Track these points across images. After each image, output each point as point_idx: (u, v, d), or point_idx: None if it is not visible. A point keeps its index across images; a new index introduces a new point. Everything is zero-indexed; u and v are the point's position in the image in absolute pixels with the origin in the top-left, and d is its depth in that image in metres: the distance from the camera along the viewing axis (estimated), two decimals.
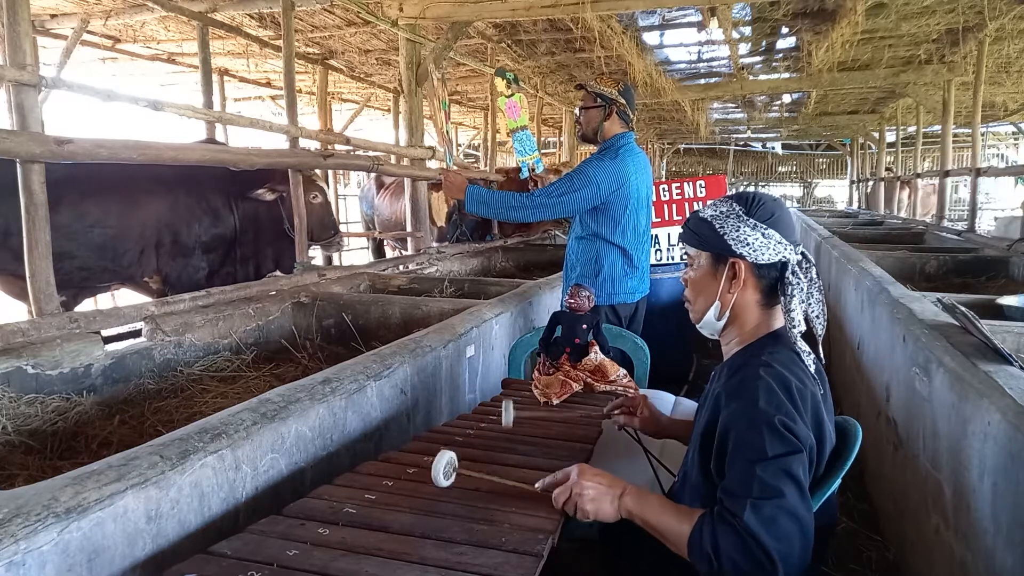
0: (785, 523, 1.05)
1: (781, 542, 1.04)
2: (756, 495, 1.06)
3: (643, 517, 1.18)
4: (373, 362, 1.94)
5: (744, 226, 1.27)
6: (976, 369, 1.69)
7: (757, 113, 12.53)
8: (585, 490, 1.20)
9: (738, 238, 1.27)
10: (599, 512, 1.20)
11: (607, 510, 1.20)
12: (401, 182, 6.65)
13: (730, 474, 1.12)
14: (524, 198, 2.68)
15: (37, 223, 2.36)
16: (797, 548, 1.05)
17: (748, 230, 1.27)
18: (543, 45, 6.47)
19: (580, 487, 1.20)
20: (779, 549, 1.03)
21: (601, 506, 1.20)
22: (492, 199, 2.70)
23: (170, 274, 3.83)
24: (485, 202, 2.69)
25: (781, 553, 1.03)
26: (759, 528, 1.03)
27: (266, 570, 1.05)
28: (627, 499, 1.20)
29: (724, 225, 1.29)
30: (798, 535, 1.05)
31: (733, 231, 1.28)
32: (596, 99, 2.78)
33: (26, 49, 2.33)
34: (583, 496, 1.20)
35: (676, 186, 4.30)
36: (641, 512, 1.18)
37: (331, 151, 4.03)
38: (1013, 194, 16.95)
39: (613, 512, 1.20)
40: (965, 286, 4.16)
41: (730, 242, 1.28)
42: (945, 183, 7.00)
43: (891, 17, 5.28)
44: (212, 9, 4.87)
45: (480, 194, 2.71)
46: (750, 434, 1.11)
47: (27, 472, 1.81)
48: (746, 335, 1.31)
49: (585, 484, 1.21)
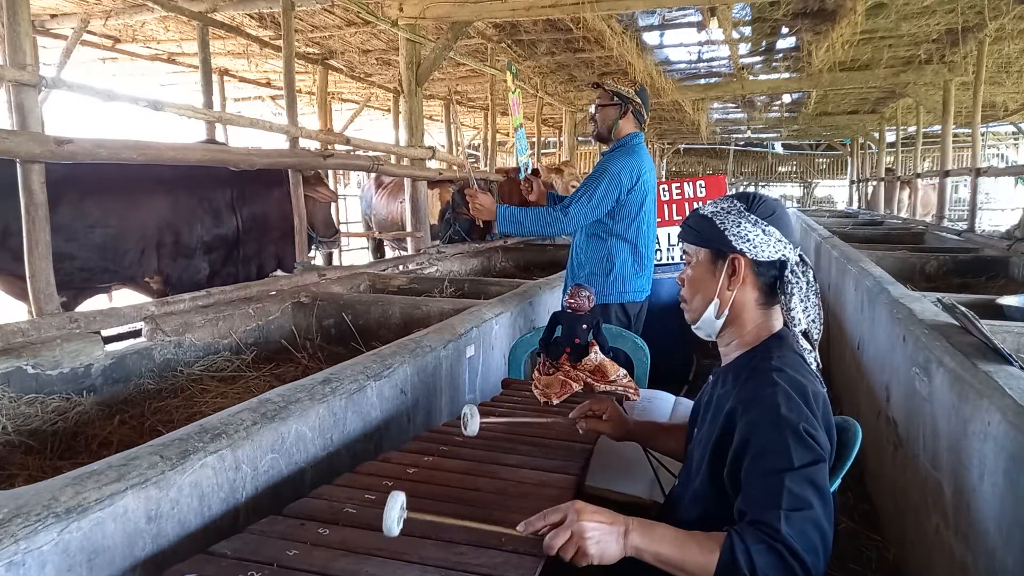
0: (812, 534, 1.03)
1: (810, 553, 1.02)
2: (787, 507, 1.03)
3: (654, 552, 1.08)
4: (373, 362, 1.94)
5: (745, 222, 1.26)
6: (976, 369, 1.69)
7: (757, 113, 12.53)
8: (587, 532, 1.06)
9: (739, 233, 1.26)
10: (604, 555, 1.07)
11: (612, 551, 1.07)
12: (399, 182, 6.65)
13: (754, 485, 1.08)
14: (557, 212, 2.65)
15: (37, 223, 2.36)
16: (821, 559, 1.04)
17: (749, 226, 1.26)
18: (543, 45, 6.47)
19: (581, 529, 1.06)
20: (811, 561, 1.02)
21: (607, 548, 1.07)
22: (525, 218, 2.64)
23: (171, 275, 3.84)
24: (519, 222, 2.65)
25: (813, 565, 1.02)
26: (794, 540, 1.01)
27: (266, 570, 1.05)
28: (633, 535, 1.08)
29: (725, 221, 1.28)
30: (822, 546, 1.04)
31: (734, 226, 1.27)
32: (613, 97, 2.79)
33: (26, 49, 2.33)
34: (586, 540, 1.06)
35: (676, 186, 4.31)
36: (651, 547, 1.08)
37: (331, 151, 4.04)
38: (1013, 194, 16.94)
39: (619, 552, 1.08)
40: (965, 286, 4.16)
41: (730, 237, 1.27)
42: (945, 183, 6.99)
43: (891, 17, 5.27)
44: (212, 9, 4.87)
45: (512, 214, 2.65)
46: (775, 443, 1.08)
47: (27, 472, 1.81)
48: (747, 337, 1.29)
49: (587, 526, 1.06)
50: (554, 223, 2.65)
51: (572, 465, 1.51)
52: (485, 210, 2.68)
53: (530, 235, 3.06)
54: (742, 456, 1.12)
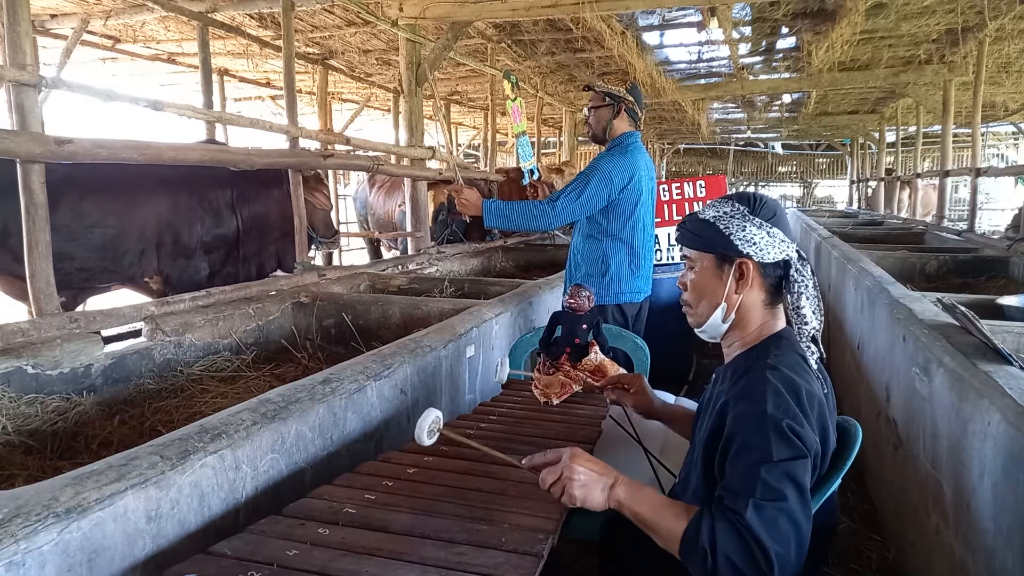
0: (785, 526, 1.04)
1: (780, 545, 1.03)
2: (759, 496, 1.05)
3: (634, 509, 1.15)
4: (373, 362, 1.94)
5: (750, 225, 1.26)
6: (976, 369, 1.69)
7: (757, 113, 12.53)
8: (576, 475, 1.16)
9: (744, 238, 1.26)
10: (587, 499, 1.16)
11: (596, 498, 1.16)
12: (394, 181, 6.64)
13: (732, 473, 1.11)
14: (544, 206, 2.63)
15: (37, 223, 2.36)
16: (793, 553, 1.04)
17: (754, 229, 1.26)
18: (543, 45, 6.46)
19: (571, 471, 1.16)
20: (777, 552, 1.02)
21: (591, 493, 1.16)
22: (511, 212, 2.65)
23: (171, 275, 3.84)
24: (505, 215, 2.65)
25: (779, 556, 1.02)
26: (760, 528, 1.02)
27: (266, 570, 1.05)
28: (619, 489, 1.16)
29: (729, 225, 1.27)
30: (795, 540, 1.05)
31: (739, 231, 1.26)
32: (605, 98, 2.79)
33: (26, 49, 2.33)
34: (573, 480, 1.16)
35: (676, 186, 4.31)
36: (632, 504, 1.15)
37: (331, 151, 4.04)
38: (1013, 194, 16.93)
39: (602, 501, 1.16)
40: (965, 286, 4.16)
41: (736, 242, 1.26)
42: (945, 183, 7.00)
43: (891, 17, 5.27)
44: (212, 9, 4.88)
45: (498, 208, 2.66)
46: (756, 436, 1.09)
47: (27, 472, 1.81)
48: (749, 337, 1.30)
49: (576, 468, 1.16)
50: (541, 217, 2.63)
51: None
52: (471, 205, 2.69)
53: (518, 229, 3.07)
54: (728, 449, 1.14)
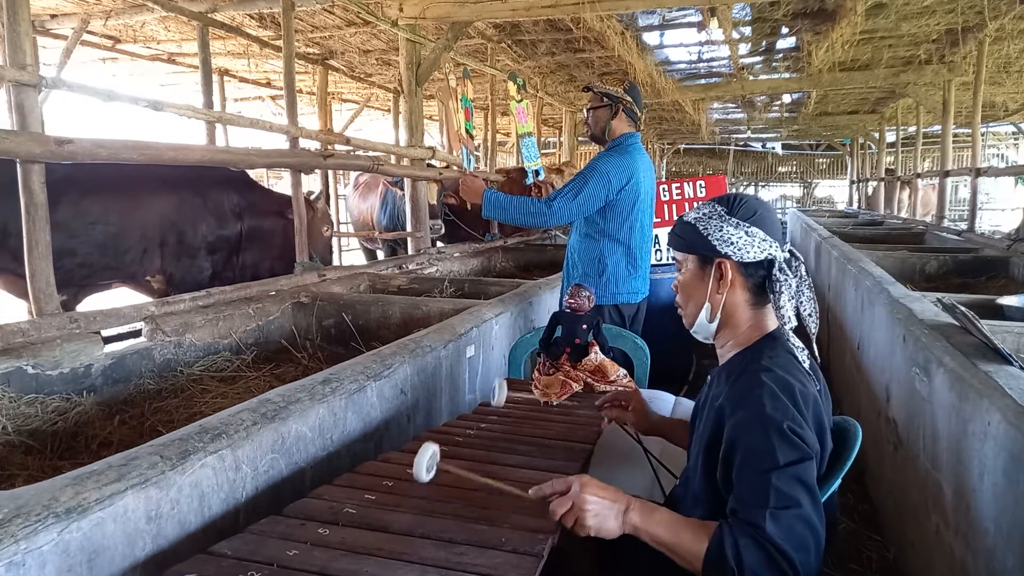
0: (803, 532, 1.04)
1: (801, 551, 1.03)
2: (773, 505, 1.04)
3: (651, 532, 1.13)
4: (373, 362, 1.94)
5: (727, 225, 1.28)
6: (976, 369, 1.69)
7: (757, 113, 12.53)
8: (588, 504, 1.13)
9: (722, 238, 1.27)
10: (602, 528, 1.13)
11: (611, 526, 1.14)
12: (370, 181, 6.66)
13: (742, 484, 1.10)
14: (542, 204, 2.66)
15: (37, 223, 2.36)
16: (813, 556, 1.05)
17: (731, 229, 1.27)
18: (543, 45, 6.46)
19: (582, 501, 1.13)
20: (800, 559, 1.02)
21: (605, 522, 1.13)
22: (510, 205, 2.68)
23: (175, 274, 3.84)
24: (503, 208, 2.68)
25: (802, 562, 1.03)
26: (781, 538, 1.02)
27: (266, 570, 1.05)
28: (633, 515, 1.14)
29: (707, 226, 1.29)
30: (814, 543, 1.05)
31: (716, 231, 1.28)
32: (603, 99, 2.80)
33: (26, 49, 2.33)
34: (586, 512, 1.13)
35: (676, 186, 4.31)
36: (648, 527, 1.13)
37: (331, 151, 4.03)
38: (1013, 194, 16.92)
39: (617, 528, 1.14)
40: (965, 286, 4.16)
41: (714, 242, 1.28)
42: (945, 183, 6.99)
43: (891, 17, 5.27)
44: (212, 9, 4.88)
45: (498, 199, 2.69)
46: (761, 442, 1.09)
47: (27, 472, 1.81)
48: (741, 337, 1.31)
49: (588, 499, 1.13)
50: (537, 215, 2.66)
51: (572, 465, 1.51)
52: (474, 191, 2.76)
53: (513, 223, 3.10)
54: (731, 457, 1.14)
